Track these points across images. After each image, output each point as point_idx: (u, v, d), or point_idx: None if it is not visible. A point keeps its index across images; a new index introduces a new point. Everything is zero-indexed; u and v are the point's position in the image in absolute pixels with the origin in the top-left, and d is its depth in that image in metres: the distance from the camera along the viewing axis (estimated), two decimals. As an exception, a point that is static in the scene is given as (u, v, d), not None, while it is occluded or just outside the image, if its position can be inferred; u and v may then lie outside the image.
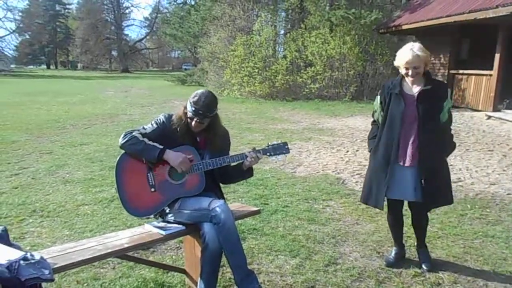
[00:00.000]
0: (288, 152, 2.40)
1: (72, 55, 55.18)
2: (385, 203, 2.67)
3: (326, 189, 4.37)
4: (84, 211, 3.69)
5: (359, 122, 9.20)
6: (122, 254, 2.15)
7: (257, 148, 2.39)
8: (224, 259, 2.19)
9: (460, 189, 4.41)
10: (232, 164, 2.37)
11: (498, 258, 2.84)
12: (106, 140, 6.93)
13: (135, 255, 2.63)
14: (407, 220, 2.85)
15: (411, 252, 2.90)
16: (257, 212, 2.70)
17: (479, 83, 10.22)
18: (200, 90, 2.34)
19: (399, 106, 2.49)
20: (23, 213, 3.62)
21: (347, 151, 6.27)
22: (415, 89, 2.52)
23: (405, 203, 2.71)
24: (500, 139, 7.25)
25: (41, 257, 1.78)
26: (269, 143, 2.40)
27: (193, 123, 2.28)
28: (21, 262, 1.68)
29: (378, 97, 2.65)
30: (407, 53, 2.42)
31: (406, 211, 2.78)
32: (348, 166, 5.37)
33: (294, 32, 14.85)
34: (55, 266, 1.85)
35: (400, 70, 2.53)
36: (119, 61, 50.10)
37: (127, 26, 57.42)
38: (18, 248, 1.87)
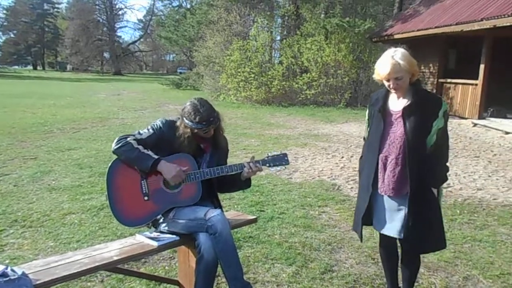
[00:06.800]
0: (288, 163, 2.37)
1: (61, 56, 54.03)
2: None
3: (321, 195, 4.44)
4: (71, 220, 3.54)
5: (353, 128, 9.33)
6: (111, 267, 2.05)
7: (256, 159, 2.35)
8: (219, 269, 2.15)
9: (450, 195, 4.54)
10: (230, 173, 2.31)
11: (486, 262, 2.95)
12: (96, 145, 6.78)
13: (125, 266, 2.54)
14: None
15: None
16: (254, 221, 2.67)
17: (466, 92, 10.55)
18: (190, 105, 2.23)
19: (378, 127, 2.13)
20: (3, 223, 3.44)
21: (342, 157, 6.38)
22: (400, 104, 2.10)
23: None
24: (485, 145, 7.46)
25: (23, 273, 1.67)
26: (269, 154, 2.37)
27: (206, 133, 2.24)
28: None
29: (367, 110, 2.28)
30: (387, 62, 2.03)
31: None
32: (343, 172, 5.47)
33: (290, 38, 15.02)
34: (37, 283, 1.73)
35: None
36: (111, 63, 49.53)
37: (120, 27, 57.26)
38: None
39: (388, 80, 2.06)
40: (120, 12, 52.25)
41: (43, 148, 6.51)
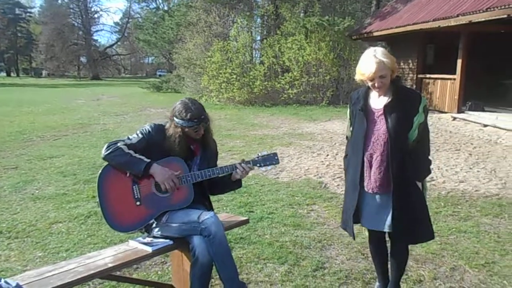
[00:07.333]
0: (278, 163, 2.40)
1: (36, 61, 52.68)
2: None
3: (309, 193, 4.48)
4: (58, 229, 3.49)
5: (336, 126, 9.44)
6: (106, 274, 2.04)
7: (246, 159, 2.37)
8: (213, 271, 2.16)
9: (434, 188, 4.65)
10: (221, 175, 2.33)
11: (471, 252, 3.04)
12: (79, 152, 6.66)
13: (117, 273, 2.50)
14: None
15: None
16: (246, 222, 2.68)
17: (444, 87, 10.81)
18: (180, 104, 2.26)
19: (361, 125, 2.16)
20: (-14, 236, 3.36)
21: (327, 155, 6.44)
22: (381, 102, 2.14)
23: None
24: (465, 139, 7.67)
25: (17, 284, 1.68)
26: (259, 154, 2.39)
27: (196, 132, 2.26)
28: None
29: (348, 109, 2.31)
30: (370, 61, 2.04)
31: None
32: (329, 170, 5.53)
33: (271, 38, 15.06)
34: (32, 293, 1.73)
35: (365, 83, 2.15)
36: (89, 68, 48.49)
37: (96, 31, 56.20)
38: None
39: (372, 80, 2.07)
40: (95, 15, 51.24)
41: (23, 157, 6.35)
